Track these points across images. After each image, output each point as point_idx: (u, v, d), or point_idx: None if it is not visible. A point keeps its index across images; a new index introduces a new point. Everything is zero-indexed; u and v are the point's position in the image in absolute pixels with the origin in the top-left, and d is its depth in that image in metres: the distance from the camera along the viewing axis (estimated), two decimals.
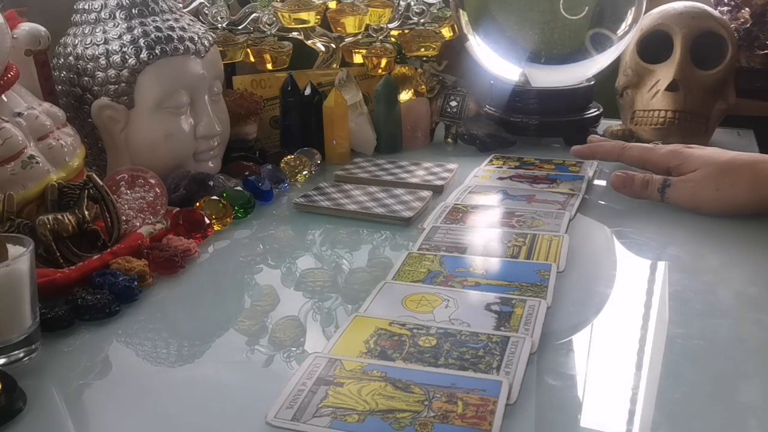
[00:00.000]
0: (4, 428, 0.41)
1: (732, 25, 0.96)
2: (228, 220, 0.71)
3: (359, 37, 0.98)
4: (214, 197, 0.72)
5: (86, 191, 0.62)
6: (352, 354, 0.46)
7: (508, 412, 0.40)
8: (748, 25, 0.99)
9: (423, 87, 0.99)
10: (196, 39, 0.77)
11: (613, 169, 0.87)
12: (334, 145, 0.91)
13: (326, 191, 0.78)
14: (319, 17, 0.96)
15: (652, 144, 0.78)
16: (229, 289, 0.61)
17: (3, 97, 0.61)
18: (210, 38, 0.80)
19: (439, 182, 0.81)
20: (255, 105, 0.89)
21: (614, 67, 0.97)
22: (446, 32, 0.99)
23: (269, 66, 0.98)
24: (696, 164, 0.70)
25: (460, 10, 0.96)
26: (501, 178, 0.82)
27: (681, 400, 0.43)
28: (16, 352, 0.47)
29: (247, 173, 0.80)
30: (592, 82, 0.98)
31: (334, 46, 1.00)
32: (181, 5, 0.82)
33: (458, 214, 0.71)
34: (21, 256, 0.46)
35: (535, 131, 0.96)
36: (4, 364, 0.47)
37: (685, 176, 0.71)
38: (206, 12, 0.94)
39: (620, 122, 0.99)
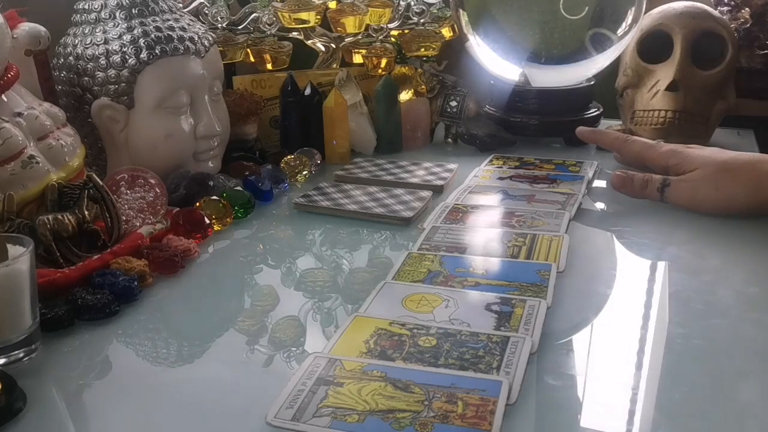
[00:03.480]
0: (4, 428, 0.41)
1: (732, 25, 0.96)
2: (228, 220, 0.71)
3: (359, 37, 0.98)
4: (214, 197, 0.72)
5: (86, 191, 0.62)
6: (352, 354, 0.46)
7: (508, 412, 0.40)
8: (748, 25, 0.99)
9: (423, 87, 0.99)
10: (196, 39, 0.77)
11: (613, 168, 0.87)
12: (334, 145, 0.91)
13: (326, 191, 0.78)
14: (319, 17, 0.96)
15: (654, 142, 0.78)
16: (229, 289, 0.61)
17: (3, 97, 0.61)
18: (210, 38, 0.80)
19: (439, 182, 0.81)
20: (255, 105, 0.89)
21: (614, 67, 0.97)
22: (446, 32, 0.99)
23: (269, 66, 0.98)
24: (695, 164, 0.70)
25: (460, 10, 0.96)
26: (501, 178, 0.82)
27: (681, 400, 0.43)
28: (16, 352, 0.47)
29: (247, 173, 0.80)
30: (592, 82, 0.98)
31: (334, 46, 1.00)
32: (181, 5, 0.82)
33: (458, 214, 0.71)
34: (21, 256, 0.46)
35: (535, 131, 0.96)
36: (4, 364, 0.47)
37: (685, 176, 0.71)
38: (206, 12, 0.94)
39: (620, 122, 0.99)
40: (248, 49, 0.98)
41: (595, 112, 0.97)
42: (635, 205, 0.74)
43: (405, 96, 0.99)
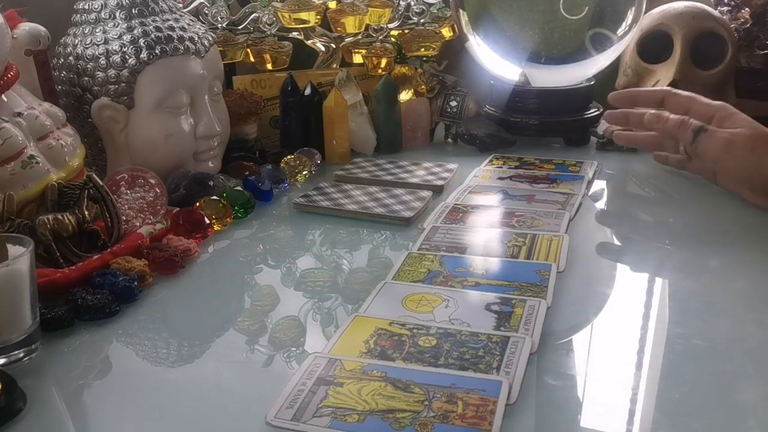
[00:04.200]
0: (4, 428, 0.41)
1: (732, 25, 0.96)
2: (228, 220, 0.71)
3: (359, 37, 0.98)
4: (214, 197, 0.72)
5: (86, 191, 0.62)
6: (352, 354, 0.46)
7: (508, 412, 0.40)
8: (748, 25, 0.99)
9: (423, 87, 0.99)
10: (196, 39, 0.77)
11: (614, 169, 0.87)
12: (334, 145, 0.91)
13: (326, 191, 0.78)
14: (319, 17, 0.96)
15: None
16: (229, 289, 0.61)
17: (3, 97, 0.61)
18: (210, 38, 0.80)
19: (439, 182, 0.81)
20: (255, 105, 0.89)
21: (614, 67, 0.97)
22: (446, 32, 0.99)
23: (269, 66, 0.98)
24: (742, 123, 0.69)
25: (460, 10, 0.96)
26: (501, 178, 0.82)
27: (681, 400, 0.43)
28: (16, 352, 0.47)
29: (247, 173, 0.80)
30: (592, 82, 0.98)
31: (334, 46, 1.00)
32: (181, 5, 0.82)
33: (458, 214, 0.71)
34: (21, 256, 0.46)
35: (535, 131, 0.96)
36: (4, 364, 0.47)
37: (726, 129, 0.69)
38: (206, 12, 0.94)
39: None
40: (248, 49, 0.98)
41: (595, 112, 0.97)
42: (635, 206, 0.74)
43: (405, 96, 0.99)
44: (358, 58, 0.99)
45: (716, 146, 0.69)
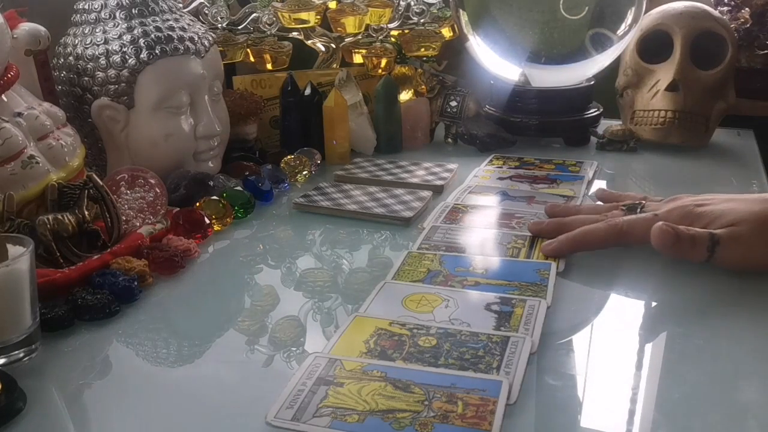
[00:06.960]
0: (4, 428, 0.41)
1: (732, 25, 0.96)
2: (228, 220, 0.71)
3: (359, 37, 0.98)
4: (214, 197, 0.72)
5: (86, 191, 0.62)
6: (352, 354, 0.46)
7: (508, 412, 0.40)
8: (748, 25, 0.99)
9: (423, 87, 0.99)
10: (196, 39, 0.77)
11: (614, 169, 0.87)
12: (334, 145, 0.91)
13: (326, 191, 0.78)
14: (319, 17, 0.96)
15: (638, 200, 0.65)
16: (229, 289, 0.61)
17: (3, 97, 0.61)
18: (210, 38, 0.80)
19: (439, 182, 0.81)
20: (255, 105, 0.89)
21: (614, 67, 0.97)
22: (446, 32, 0.99)
23: (269, 66, 0.98)
24: (727, 220, 0.57)
25: (460, 10, 0.96)
26: (501, 178, 0.82)
27: (681, 400, 0.43)
28: (16, 352, 0.47)
29: (247, 173, 0.80)
30: (592, 82, 0.98)
31: (334, 46, 1.00)
32: (181, 5, 0.82)
33: (458, 214, 0.71)
34: (21, 256, 0.46)
35: (535, 131, 0.96)
36: (4, 364, 0.47)
37: (732, 232, 0.56)
38: (206, 12, 0.94)
39: (620, 122, 0.99)
40: (248, 49, 0.98)
41: (595, 112, 0.97)
42: None
43: (405, 96, 0.99)
44: (358, 58, 0.99)
45: (737, 256, 0.57)
